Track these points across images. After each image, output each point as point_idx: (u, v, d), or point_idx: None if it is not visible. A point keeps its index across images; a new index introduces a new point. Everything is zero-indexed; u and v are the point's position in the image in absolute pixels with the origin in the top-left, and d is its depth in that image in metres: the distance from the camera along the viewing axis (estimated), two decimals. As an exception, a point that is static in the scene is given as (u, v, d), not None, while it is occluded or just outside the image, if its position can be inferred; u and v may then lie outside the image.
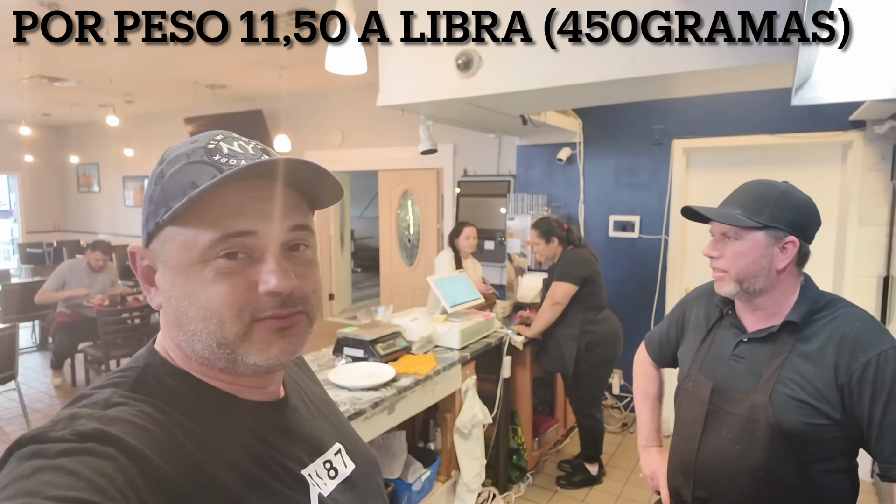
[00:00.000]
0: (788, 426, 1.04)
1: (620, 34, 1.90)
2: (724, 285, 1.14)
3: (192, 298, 0.51)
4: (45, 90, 6.29)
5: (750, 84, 2.21)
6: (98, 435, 0.43)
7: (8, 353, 3.44)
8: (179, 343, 0.54)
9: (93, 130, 8.96)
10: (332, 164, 6.37)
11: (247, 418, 0.56)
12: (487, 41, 2.20)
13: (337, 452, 0.65)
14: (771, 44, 1.69)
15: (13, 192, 9.68)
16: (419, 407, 2.13)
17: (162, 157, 0.55)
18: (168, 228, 0.52)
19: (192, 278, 0.51)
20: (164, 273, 0.53)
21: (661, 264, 3.76)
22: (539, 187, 4.30)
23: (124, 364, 0.55)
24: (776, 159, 3.44)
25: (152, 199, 0.53)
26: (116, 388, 0.50)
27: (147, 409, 0.49)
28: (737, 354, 1.16)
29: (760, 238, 1.09)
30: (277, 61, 5.01)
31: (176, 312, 0.53)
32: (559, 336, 2.94)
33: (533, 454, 3.14)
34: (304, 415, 0.64)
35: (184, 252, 0.51)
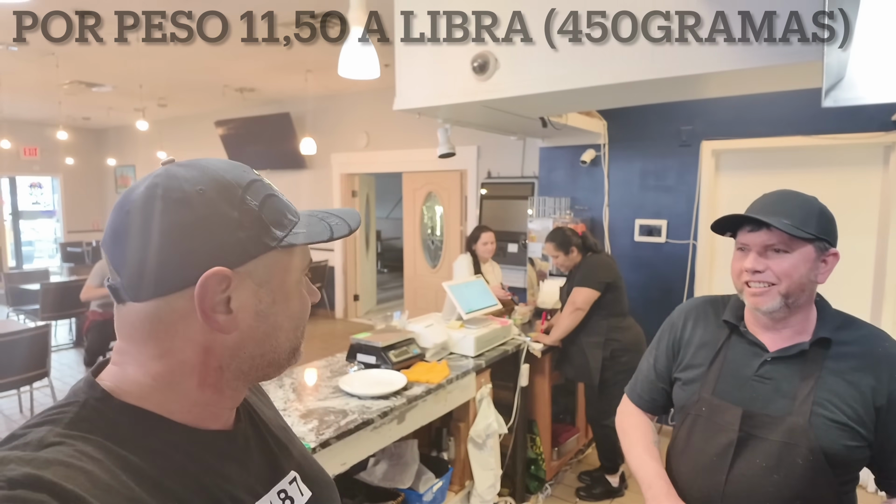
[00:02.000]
0: (831, 450, 0.99)
1: (650, 34, 1.83)
2: (768, 300, 1.04)
3: (290, 313, 0.58)
4: (83, 95, 6.52)
5: (782, 84, 2.10)
6: (29, 481, 0.41)
7: (41, 351, 3.56)
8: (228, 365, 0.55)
9: (129, 133, 9.25)
10: (357, 166, 6.41)
11: (199, 449, 0.54)
12: (503, 42, 2.16)
13: (292, 481, 0.63)
14: (796, 44, 1.60)
15: (56, 192, 10.08)
16: (430, 416, 2.10)
17: (227, 182, 0.53)
18: (274, 253, 0.55)
19: (290, 295, 0.57)
20: (262, 294, 0.55)
21: (688, 270, 3.64)
22: (562, 190, 4.22)
23: (62, 399, 0.52)
24: (812, 161, 3.28)
25: (241, 223, 0.52)
26: (52, 426, 0.47)
27: (86, 448, 0.46)
28: (762, 375, 1.07)
29: (810, 250, 1.03)
30: (303, 64, 5.07)
31: (270, 329, 0.56)
32: (583, 344, 2.86)
33: (552, 464, 3.07)
34: (258, 443, 0.63)
35: (286, 273, 0.57)
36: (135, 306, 0.51)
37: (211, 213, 0.51)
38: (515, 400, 2.73)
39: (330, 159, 6.53)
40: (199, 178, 0.52)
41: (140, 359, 0.52)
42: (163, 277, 0.50)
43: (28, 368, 3.51)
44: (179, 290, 0.50)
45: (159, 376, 0.52)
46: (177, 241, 0.50)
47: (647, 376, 1.29)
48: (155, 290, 0.50)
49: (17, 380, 3.49)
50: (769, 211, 1.05)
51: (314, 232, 0.57)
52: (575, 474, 3.23)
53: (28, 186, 10.04)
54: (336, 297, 6.85)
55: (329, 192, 6.63)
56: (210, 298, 0.51)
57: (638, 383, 1.32)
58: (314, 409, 1.81)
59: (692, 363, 1.18)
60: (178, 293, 0.51)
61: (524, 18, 2.08)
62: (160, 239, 0.49)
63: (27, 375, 3.52)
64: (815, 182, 3.24)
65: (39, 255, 10.50)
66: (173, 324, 0.51)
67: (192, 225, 0.50)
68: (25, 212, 10.07)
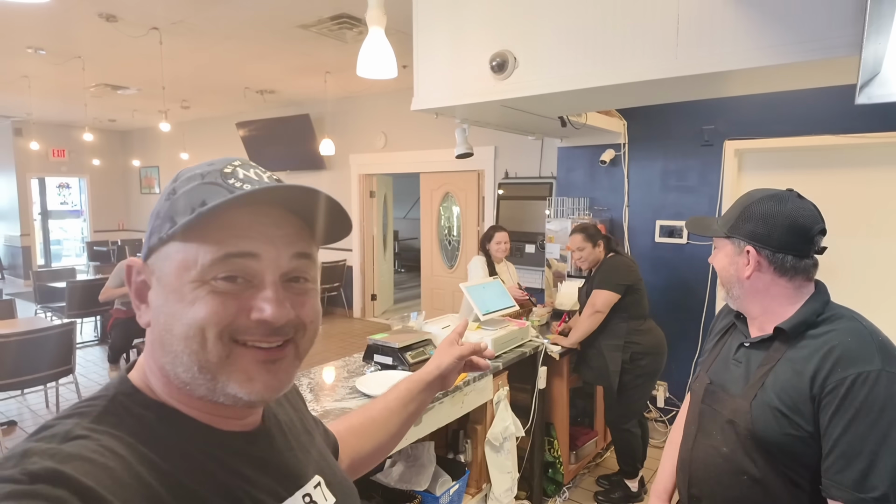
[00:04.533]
0: (765, 434, 1.03)
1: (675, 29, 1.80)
2: (719, 290, 1.27)
3: (178, 316, 0.49)
4: (108, 97, 6.66)
5: (809, 81, 2.04)
6: (49, 475, 0.41)
7: (67, 349, 3.63)
8: (163, 366, 0.52)
9: (153, 135, 9.43)
10: (375, 167, 6.43)
11: (221, 450, 0.53)
12: (523, 41, 2.13)
13: (317, 485, 0.62)
14: (831, 38, 1.55)
15: (83, 193, 10.32)
16: (447, 419, 2.08)
17: (176, 176, 0.55)
18: (171, 245, 0.50)
19: (185, 296, 0.49)
20: (158, 290, 0.51)
21: (710, 272, 3.56)
22: (581, 190, 4.17)
23: (93, 392, 0.53)
24: (839, 161, 3.18)
25: (159, 214, 0.52)
26: (80, 420, 0.48)
27: (110, 443, 0.46)
28: (737, 358, 1.17)
29: (728, 247, 1.14)
30: (323, 66, 5.10)
31: (162, 331, 0.51)
32: (602, 347, 2.82)
33: (570, 468, 3.03)
34: (281, 445, 0.61)
35: (182, 270, 0.50)
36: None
37: (156, 206, 0.54)
38: (533, 402, 2.70)
39: (348, 160, 6.57)
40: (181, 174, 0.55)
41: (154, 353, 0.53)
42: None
43: (54, 365, 3.58)
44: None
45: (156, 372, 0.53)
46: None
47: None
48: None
49: (43, 376, 3.56)
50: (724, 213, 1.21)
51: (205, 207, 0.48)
52: (593, 478, 3.19)
53: (56, 187, 10.30)
54: (354, 297, 6.88)
55: (347, 192, 6.67)
56: (133, 289, 0.54)
57: (694, 372, 1.50)
58: (331, 410, 1.81)
59: (707, 348, 1.32)
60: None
61: (544, 15, 2.06)
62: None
63: (53, 372, 3.60)
64: (842, 182, 3.15)
65: (67, 253, 10.77)
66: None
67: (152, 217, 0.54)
68: (54, 211, 10.34)
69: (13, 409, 4.09)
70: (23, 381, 3.49)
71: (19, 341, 3.37)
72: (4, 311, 4.36)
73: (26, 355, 3.43)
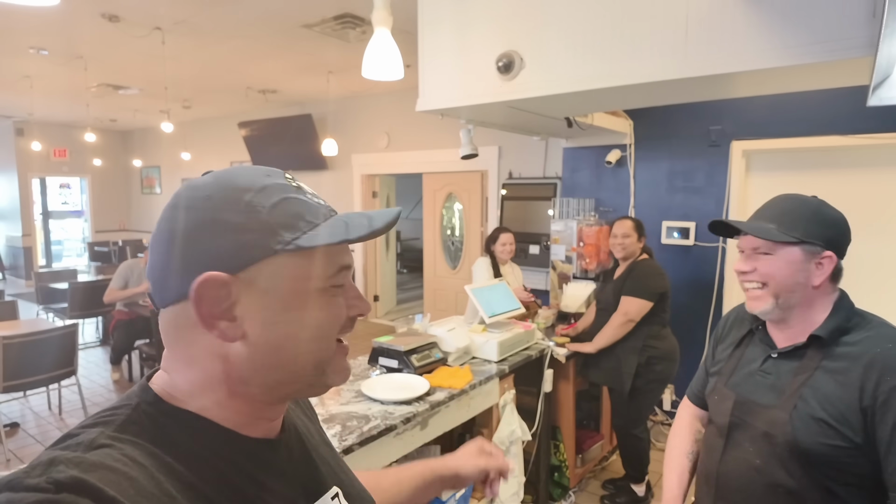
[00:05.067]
0: (806, 445, 1.01)
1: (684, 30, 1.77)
2: (760, 303, 1.11)
3: (303, 321, 0.53)
4: (110, 97, 6.65)
5: (819, 82, 2.01)
6: (74, 484, 0.41)
7: (69, 350, 3.62)
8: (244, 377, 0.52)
9: (154, 135, 9.42)
10: (378, 167, 6.41)
11: (243, 458, 0.53)
12: (530, 41, 2.11)
13: (334, 496, 0.62)
14: (844, 39, 1.52)
15: (84, 193, 10.31)
16: (453, 422, 2.06)
17: (235, 187, 0.52)
18: (280, 257, 0.51)
19: (309, 303, 0.53)
20: (267, 301, 0.51)
21: (717, 274, 3.54)
22: (586, 191, 4.15)
23: (116, 401, 0.53)
24: (847, 162, 3.16)
25: (246, 227, 0.50)
26: (104, 428, 0.48)
27: (132, 453, 0.46)
28: (764, 370, 1.14)
29: (796, 253, 1.07)
30: (325, 66, 5.08)
31: (278, 339, 0.52)
32: (618, 349, 2.77)
33: (576, 471, 3.01)
34: (301, 455, 0.61)
35: (304, 280, 0.52)
36: (163, 313, 0.53)
37: (212, 218, 0.50)
38: (539, 406, 2.67)
39: (351, 160, 6.55)
40: (211, 184, 0.52)
41: (177, 365, 0.53)
42: (170, 284, 0.51)
43: (57, 367, 3.57)
44: (185, 298, 0.50)
45: (194, 382, 0.53)
46: (179, 248, 0.50)
47: (700, 373, 1.39)
48: (167, 298, 0.51)
49: (45, 378, 3.55)
50: (762, 215, 1.14)
51: (333, 232, 0.52)
52: (599, 482, 3.17)
53: (58, 187, 10.29)
54: (356, 298, 6.85)
55: (350, 192, 6.65)
56: (208, 305, 0.49)
57: (694, 379, 1.41)
58: (336, 414, 1.79)
59: (720, 358, 1.27)
60: (185, 300, 0.50)
61: (551, 15, 2.04)
62: (167, 246, 0.51)
63: (56, 374, 3.59)
64: (851, 183, 3.12)
65: (68, 253, 10.76)
66: (189, 331, 0.51)
67: (193, 231, 0.50)
68: (55, 212, 10.33)
69: (16, 411, 4.08)
70: (25, 383, 3.48)
71: (22, 343, 3.36)
72: (7, 313, 4.34)
73: (29, 357, 3.42)
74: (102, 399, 4.39)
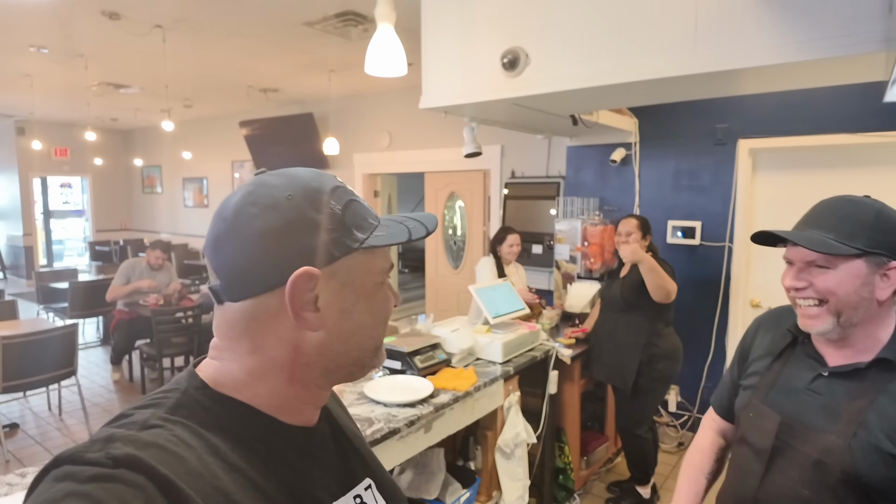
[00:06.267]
0: (869, 478, 0.90)
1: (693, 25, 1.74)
2: (818, 322, 0.98)
3: (372, 311, 0.59)
4: (111, 96, 6.62)
5: (830, 79, 1.98)
6: (130, 461, 0.44)
7: (69, 350, 3.59)
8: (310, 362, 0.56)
9: (155, 134, 9.39)
10: (380, 166, 6.37)
11: (283, 444, 0.56)
12: (535, 37, 2.08)
13: (367, 487, 0.64)
14: (857, 34, 1.48)
15: (85, 192, 10.29)
16: (458, 425, 2.03)
17: (312, 188, 0.57)
18: (356, 254, 0.56)
19: (374, 295, 0.59)
20: (345, 292, 0.57)
21: (724, 274, 3.50)
22: (590, 190, 4.11)
23: (166, 385, 0.56)
24: (859, 161, 3.11)
25: (326, 226, 0.55)
26: (156, 409, 0.51)
27: (182, 434, 0.49)
28: (813, 389, 1.01)
29: (859, 266, 0.94)
30: (327, 65, 5.04)
31: (354, 327, 0.58)
32: (621, 343, 2.74)
33: (581, 474, 2.97)
34: (335, 444, 0.64)
35: (368, 275, 0.58)
36: (232, 306, 0.55)
37: (298, 217, 0.54)
38: (544, 407, 2.64)
39: (352, 159, 6.51)
40: (288, 185, 0.56)
41: (235, 354, 0.56)
42: (256, 278, 0.53)
43: (56, 367, 3.54)
44: (271, 290, 0.53)
45: (253, 370, 0.56)
46: (268, 244, 0.53)
47: (726, 383, 1.26)
48: (250, 290, 0.54)
49: (45, 378, 3.52)
50: (813, 223, 1.00)
51: (394, 234, 0.59)
52: (604, 484, 3.13)
53: (58, 186, 10.27)
54: (358, 298, 6.81)
55: (351, 192, 6.60)
56: (299, 297, 0.54)
57: (719, 390, 1.29)
58: (339, 417, 1.76)
59: (754, 370, 1.15)
60: (270, 293, 0.54)
61: (557, 10, 2.00)
62: (254, 242, 0.53)
63: (56, 374, 3.56)
64: (861, 183, 3.08)
65: (69, 253, 10.74)
66: (266, 322, 0.54)
67: (281, 228, 0.53)
68: (56, 211, 10.32)
69: (15, 412, 4.05)
70: (25, 384, 3.45)
71: (22, 343, 3.33)
72: (6, 313, 4.31)
73: (29, 357, 3.39)
74: (102, 399, 4.36)
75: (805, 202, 1.09)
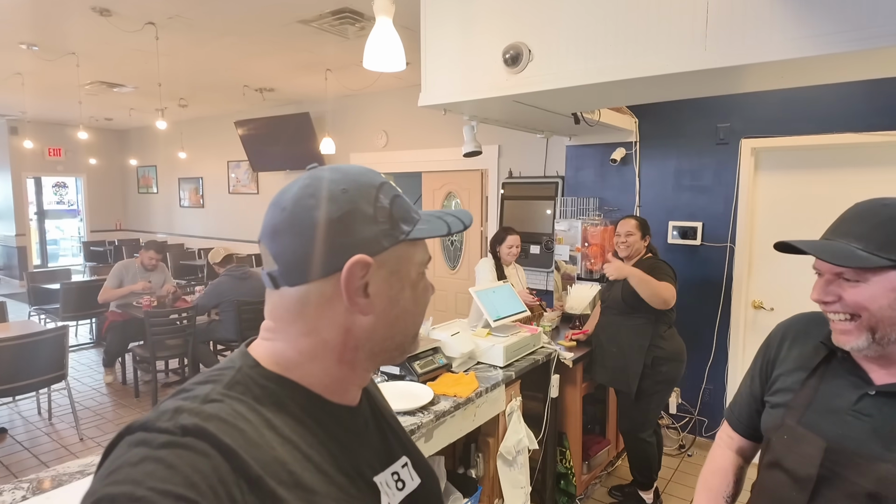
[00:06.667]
0: None
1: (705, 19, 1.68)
2: (851, 338, 0.90)
3: (415, 299, 0.63)
4: (104, 95, 6.53)
5: (844, 75, 1.92)
6: (197, 431, 0.48)
7: (59, 354, 3.51)
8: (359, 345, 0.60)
9: (150, 134, 9.30)
10: (376, 166, 6.29)
11: (329, 420, 0.59)
12: (538, 32, 2.02)
13: (404, 465, 0.67)
14: (874, 27, 1.43)
15: (80, 192, 10.18)
16: (459, 433, 1.97)
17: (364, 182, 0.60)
18: (401, 245, 0.60)
19: (417, 284, 0.63)
20: (393, 280, 0.60)
21: (725, 275, 3.45)
22: (590, 190, 4.06)
23: (221, 363, 0.59)
24: (863, 161, 3.06)
25: (376, 218, 0.59)
26: (215, 385, 0.54)
27: (239, 408, 0.53)
28: (859, 410, 0.91)
29: (892, 278, 0.85)
30: (323, 64, 4.98)
31: (400, 313, 0.61)
32: (625, 346, 2.69)
33: (582, 478, 2.92)
34: (374, 424, 0.67)
35: (413, 265, 0.62)
36: (289, 290, 0.58)
37: (353, 209, 0.58)
38: (545, 412, 2.58)
39: (349, 159, 6.44)
40: (342, 179, 0.59)
41: (289, 336, 0.59)
42: (314, 265, 0.57)
43: (46, 371, 3.46)
44: (327, 276, 0.57)
45: (305, 351, 0.59)
46: (326, 233, 0.56)
47: (744, 397, 1.15)
48: (307, 276, 0.57)
49: (35, 382, 3.44)
50: (843, 231, 0.91)
51: (434, 227, 0.62)
52: (606, 488, 3.08)
53: (52, 186, 10.16)
54: (355, 299, 6.75)
55: (348, 192, 6.53)
56: (353, 283, 0.57)
57: (736, 404, 1.17)
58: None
59: (783, 386, 1.04)
60: (325, 279, 0.57)
61: (561, 5, 1.95)
62: (312, 231, 0.56)
63: (46, 378, 3.48)
64: (866, 183, 3.04)
65: (64, 253, 10.64)
66: (320, 306, 0.58)
67: (338, 219, 0.57)
68: (50, 211, 10.20)
69: (4, 416, 3.97)
70: (14, 388, 3.37)
71: (11, 347, 3.25)
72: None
73: (18, 361, 3.31)
74: (94, 403, 4.28)
75: (809, 202, 1.02)
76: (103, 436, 3.70)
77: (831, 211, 1.00)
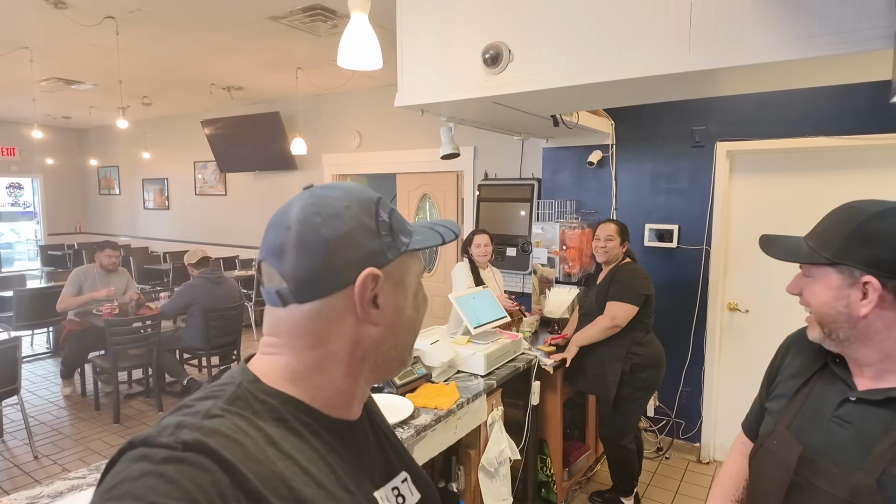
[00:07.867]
0: None
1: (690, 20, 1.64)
2: (814, 331, 0.95)
3: (417, 307, 0.65)
4: (62, 92, 6.23)
5: (828, 78, 1.92)
6: (198, 446, 0.48)
7: (10, 367, 3.30)
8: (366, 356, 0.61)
9: (112, 133, 8.95)
10: (349, 167, 6.18)
11: (329, 435, 0.59)
12: (519, 32, 1.96)
13: (404, 480, 0.67)
14: (860, 30, 1.42)
15: (36, 194, 9.73)
16: (440, 447, 1.89)
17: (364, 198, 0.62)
18: (404, 256, 0.62)
19: (418, 293, 0.66)
20: (399, 291, 0.62)
21: (701, 277, 3.46)
22: (567, 192, 4.04)
23: (221, 379, 0.59)
24: (835, 164, 3.11)
25: (379, 232, 0.60)
26: (216, 401, 0.54)
27: (240, 423, 0.52)
28: (840, 416, 0.90)
29: (832, 277, 0.89)
30: (294, 62, 4.83)
31: (404, 321, 0.63)
32: (603, 355, 2.66)
33: (563, 485, 2.88)
34: (374, 439, 0.67)
35: (413, 275, 0.64)
36: (298, 307, 0.58)
37: (358, 224, 0.59)
38: (526, 420, 2.53)
39: (321, 160, 6.30)
40: (343, 196, 0.60)
41: (295, 349, 0.59)
42: (327, 281, 0.57)
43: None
44: (338, 291, 0.58)
45: (312, 364, 0.59)
46: (336, 249, 0.57)
47: (755, 405, 1.17)
48: (321, 292, 0.57)
49: (-16, 397, 3.23)
50: (813, 230, 0.97)
51: (429, 238, 0.65)
52: (586, 494, 3.05)
53: (6, 187, 9.68)
54: (328, 303, 6.60)
55: (320, 193, 6.39)
56: (366, 295, 0.58)
57: (749, 412, 1.19)
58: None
59: (780, 392, 1.05)
60: (337, 293, 0.58)
61: (542, 4, 1.89)
62: (321, 248, 0.57)
63: (-5, 393, 3.26)
64: (839, 185, 3.08)
65: (20, 257, 10.14)
66: (331, 320, 0.58)
67: (346, 234, 0.58)
68: (4, 213, 9.71)
69: (-49, 434, 3.72)
70: (-40, 405, 3.15)
71: (-44, 360, 3.04)
72: (-58, 325, 3.96)
73: (-36, 375, 3.09)
74: (51, 417, 4.05)
75: (783, 205, 1.04)
76: (60, 452, 3.50)
77: (804, 213, 1.03)
